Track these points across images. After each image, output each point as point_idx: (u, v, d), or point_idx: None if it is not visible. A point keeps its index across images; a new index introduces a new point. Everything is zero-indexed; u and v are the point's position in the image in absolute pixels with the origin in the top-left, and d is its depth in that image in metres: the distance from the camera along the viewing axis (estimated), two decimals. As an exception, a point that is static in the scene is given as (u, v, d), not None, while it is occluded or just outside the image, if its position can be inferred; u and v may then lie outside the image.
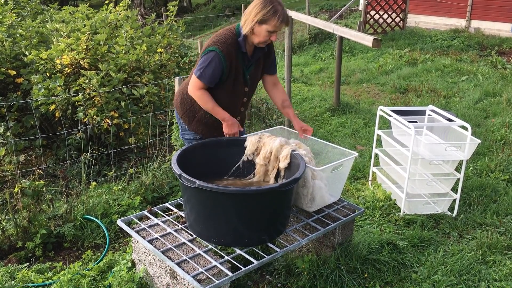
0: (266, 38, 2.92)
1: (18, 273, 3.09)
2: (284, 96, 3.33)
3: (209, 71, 2.93)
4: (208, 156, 3.03)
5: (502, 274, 3.19)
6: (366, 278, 3.10)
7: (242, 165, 3.08)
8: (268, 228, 2.71)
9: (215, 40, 2.96)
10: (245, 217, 2.59)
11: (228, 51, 2.93)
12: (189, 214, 2.73)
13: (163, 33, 6.30)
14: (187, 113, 3.22)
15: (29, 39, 5.54)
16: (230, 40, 2.95)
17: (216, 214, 2.59)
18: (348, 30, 6.43)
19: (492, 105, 6.90)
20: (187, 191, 2.64)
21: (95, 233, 3.66)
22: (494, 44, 10.82)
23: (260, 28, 2.88)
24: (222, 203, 2.53)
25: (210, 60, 2.91)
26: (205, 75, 2.94)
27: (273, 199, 2.60)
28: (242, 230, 2.63)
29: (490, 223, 3.85)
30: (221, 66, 2.93)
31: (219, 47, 2.91)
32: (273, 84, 3.32)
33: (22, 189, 3.53)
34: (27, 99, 4.98)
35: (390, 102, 7.43)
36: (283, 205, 2.72)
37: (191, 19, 19.38)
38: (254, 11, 2.87)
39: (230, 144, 3.09)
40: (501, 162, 4.90)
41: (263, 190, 2.52)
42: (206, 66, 2.92)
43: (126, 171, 4.53)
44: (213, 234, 2.66)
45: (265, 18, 2.84)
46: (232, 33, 2.98)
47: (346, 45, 11.00)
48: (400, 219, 3.89)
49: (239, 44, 2.97)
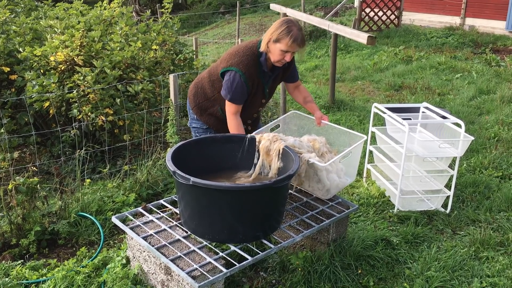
0: (281, 58, 3.01)
1: (12, 270, 3.09)
2: (305, 94, 3.51)
3: (238, 94, 3.07)
4: (203, 153, 3.03)
5: (495, 270, 3.22)
6: (360, 274, 3.12)
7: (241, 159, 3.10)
8: (262, 225, 2.72)
9: (238, 61, 3.04)
10: (239, 213, 2.60)
11: (249, 74, 3.05)
12: (184, 211, 2.73)
13: (158, 30, 6.29)
14: (199, 106, 3.33)
15: (23, 35, 5.51)
16: (252, 62, 3.05)
17: (210, 211, 2.59)
18: (343, 27, 6.44)
19: (486, 102, 6.93)
20: (182, 188, 2.64)
21: (89, 230, 3.66)
22: (489, 41, 10.87)
23: (274, 47, 2.99)
24: (216, 200, 2.54)
25: (236, 84, 3.03)
26: (236, 98, 3.08)
27: (267, 195, 2.61)
28: (236, 226, 2.64)
29: (483, 219, 3.88)
30: (246, 87, 3.07)
31: (241, 69, 3.03)
32: (295, 87, 3.51)
33: (16, 186, 3.52)
34: (21, 96, 4.96)
35: (385, 99, 7.45)
36: (278, 202, 2.73)
37: (186, 16, 19.34)
38: (271, 30, 3.01)
39: (225, 140, 3.10)
40: (495, 159, 4.93)
41: (257, 187, 2.53)
42: (234, 89, 3.04)
43: (120, 168, 4.52)
44: (207, 231, 2.66)
45: (279, 37, 2.96)
46: (253, 53, 3.08)
47: (341, 42, 11.01)
48: (394, 215, 3.91)
49: (261, 64, 3.09)
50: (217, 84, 3.21)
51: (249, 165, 3.07)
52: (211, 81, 3.24)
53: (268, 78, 3.21)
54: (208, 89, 3.28)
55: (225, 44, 13.78)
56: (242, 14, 17.18)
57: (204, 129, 3.41)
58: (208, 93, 3.29)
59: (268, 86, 3.26)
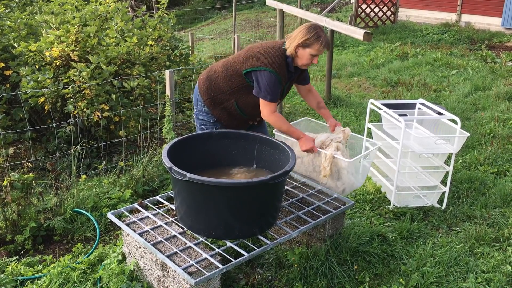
0: (309, 61, 3.16)
1: (8, 266, 3.08)
2: (319, 99, 3.60)
3: (276, 94, 3.13)
4: (199, 149, 3.03)
5: (490, 266, 3.23)
6: (356, 270, 3.13)
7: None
8: (259, 221, 2.72)
9: (270, 61, 3.10)
10: (236, 209, 2.60)
11: (283, 74, 3.15)
12: (180, 207, 2.73)
13: (154, 25, 6.26)
14: (213, 99, 3.31)
15: (17, 30, 5.48)
16: (282, 61, 3.14)
17: (206, 207, 2.59)
18: (339, 23, 6.43)
19: (482, 98, 6.95)
20: (178, 184, 2.64)
21: (85, 226, 3.65)
22: (484, 38, 10.89)
23: (304, 52, 3.11)
24: (212, 196, 2.53)
25: (274, 83, 3.09)
26: (275, 96, 3.12)
27: (263, 191, 2.61)
28: (233, 222, 2.64)
29: (479, 215, 3.89)
30: (280, 85, 3.15)
31: (275, 70, 3.10)
32: (308, 91, 3.56)
33: (11, 182, 3.50)
34: (16, 91, 4.93)
35: (381, 96, 7.46)
36: (274, 198, 2.73)
37: (182, 12, 19.26)
38: (299, 35, 3.10)
39: (221, 137, 3.10)
40: (490, 156, 4.95)
41: (254, 183, 2.53)
42: (272, 89, 3.09)
43: (116, 164, 4.51)
44: (203, 226, 2.66)
45: (309, 43, 3.08)
46: (283, 54, 3.16)
47: (337, 38, 11.00)
48: (390, 211, 3.92)
49: (288, 64, 3.18)
50: (234, 79, 3.20)
51: (244, 161, 3.07)
52: (228, 76, 3.22)
53: (290, 79, 3.30)
54: (223, 83, 3.25)
55: (221, 40, 13.74)
56: (238, 10, 17.13)
57: (211, 123, 3.36)
58: (222, 86, 3.25)
59: (286, 86, 3.33)
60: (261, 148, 3.07)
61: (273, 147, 3.00)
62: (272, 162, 3.00)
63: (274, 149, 3.00)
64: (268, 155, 3.04)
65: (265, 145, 3.06)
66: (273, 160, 2.99)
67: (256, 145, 3.09)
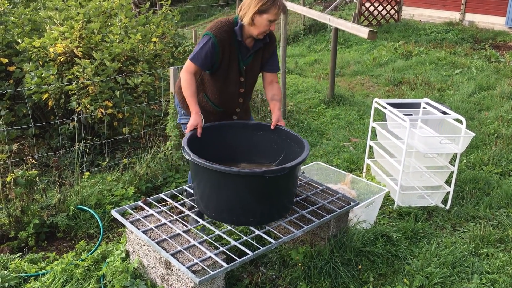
0: (266, 28, 2.98)
1: (11, 263, 3.07)
2: (276, 92, 3.31)
3: (201, 54, 2.98)
4: (218, 139, 3.09)
5: (495, 267, 3.22)
6: (360, 270, 3.12)
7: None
8: (278, 206, 2.82)
9: (210, 26, 3.04)
10: (260, 197, 2.69)
11: (221, 37, 2.99)
12: (203, 197, 2.78)
13: (158, 22, 6.24)
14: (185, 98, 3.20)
15: (21, 26, 5.46)
16: (225, 27, 3.01)
17: (230, 195, 2.68)
18: (344, 21, 6.41)
19: (486, 98, 6.92)
20: (204, 175, 2.69)
21: (88, 223, 3.64)
22: (488, 37, 10.85)
23: (261, 18, 2.93)
24: (237, 185, 2.63)
25: (204, 44, 2.98)
26: (198, 58, 2.99)
27: (284, 179, 2.71)
28: (256, 209, 2.73)
29: (483, 216, 3.88)
30: (214, 50, 2.99)
31: (213, 32, 2.99)
32: (270, 82, 3.31)
33: (15, 179, 3.50)
34: (19, 87, 4.92)
35: (384, 95, 7.43)
36: (293, 184, 2.87)
37: (186, 9, 19.23)
38: (254, 2, 2.91)
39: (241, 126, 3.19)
40: (494, 156, 4.93)
41: (276, 170, 2.59)
42: (199, 49, 2.99)
43: (119, 161, 4.50)
44: (227, 215, 2.74)
45: (266, 8, 2.90)
46: (228, 21, 3.04)
47: (340, 36, 10.98)
48: (394, 211, 3.91)
49: (235, 32, 3.03)
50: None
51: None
52: None
53: (246, 52, 3.11)
54: None
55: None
56: (241, 7, 17.05)
57: None
58: None
59: (247, 63, 3.13)
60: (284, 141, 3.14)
61: (295, 141, 3.06)
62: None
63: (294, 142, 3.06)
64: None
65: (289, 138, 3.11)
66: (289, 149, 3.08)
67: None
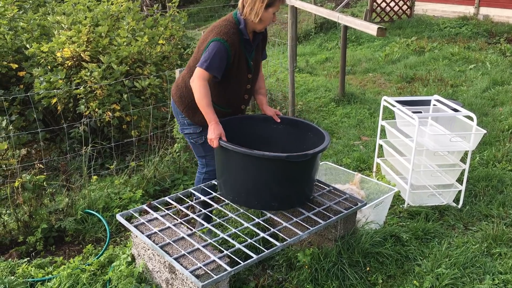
0: (271, 21, 3.00)
1: (19, 268, 3.09)
2: (261, 83, 3.33)
3: (216, 62, 2.89)
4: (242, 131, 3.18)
5: (508, 267, 3.14)
6: (368, 272, 3.06)
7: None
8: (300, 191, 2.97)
9: (217, 32, 2.95)
10: (284, 181, 2.83)
11: (232, 41, 2.94)
12: (234, 185, 2.91)
13: (166, 24, 6.24)
14: (189, 106, 3.14)
15: (30, 32, 5.51)
16: (232, 29, 2.96)
17: (255, 179, 2.82)
18: (353, 19, 6.33)
19: (500, 93, 6.78)
20: (231, 159, 2.82)
21: (96, 227, 3.65)
22: (503, 31, 10.63)
23: (267, 13, 2.93)
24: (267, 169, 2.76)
25: (216, 51, 2.88)
26: (213, 67, 2.89)
27: (309, 163, 2.85)
28: (284, 194, 2.89)
29: (496, 214, 3.79)
30: (226, 55, 2.93)
31: (222, 37, 2.91)
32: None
33: (23, 184, 3.52)
34: (29, 92, 4.96)
35: (396, 92, 7.34)
36: (315, 169, 2.99)
37: (197, 10, 19.26)
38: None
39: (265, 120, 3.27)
40: (508, 152, 4.82)
41: (302, 156, 2.73)
42: (212, 57, 2.88)
43: (129, 164, 4.51)
44: (254, 199, 2.90)
45: (270, 2, 2.90)
46: (232, 23, 2.99)
47: (352, 34, 10.87)
48: (404, 211, 3.84)
49: (242, 32, 2.99)
50: None
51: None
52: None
53: (251, 48, 3.08)
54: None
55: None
56: (252, 7, 17.03)
57: (198, 133, 3.21)
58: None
59: (252, 58, 3.11)
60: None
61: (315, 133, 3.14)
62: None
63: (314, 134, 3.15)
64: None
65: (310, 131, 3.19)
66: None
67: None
